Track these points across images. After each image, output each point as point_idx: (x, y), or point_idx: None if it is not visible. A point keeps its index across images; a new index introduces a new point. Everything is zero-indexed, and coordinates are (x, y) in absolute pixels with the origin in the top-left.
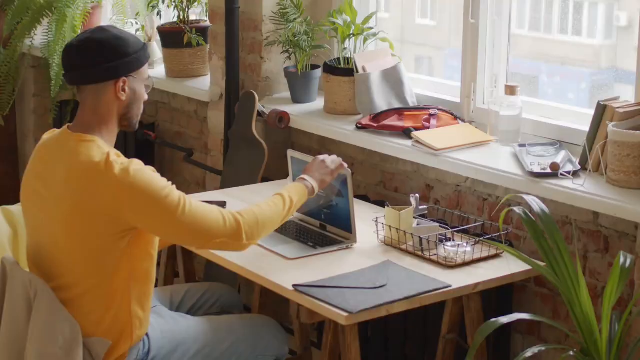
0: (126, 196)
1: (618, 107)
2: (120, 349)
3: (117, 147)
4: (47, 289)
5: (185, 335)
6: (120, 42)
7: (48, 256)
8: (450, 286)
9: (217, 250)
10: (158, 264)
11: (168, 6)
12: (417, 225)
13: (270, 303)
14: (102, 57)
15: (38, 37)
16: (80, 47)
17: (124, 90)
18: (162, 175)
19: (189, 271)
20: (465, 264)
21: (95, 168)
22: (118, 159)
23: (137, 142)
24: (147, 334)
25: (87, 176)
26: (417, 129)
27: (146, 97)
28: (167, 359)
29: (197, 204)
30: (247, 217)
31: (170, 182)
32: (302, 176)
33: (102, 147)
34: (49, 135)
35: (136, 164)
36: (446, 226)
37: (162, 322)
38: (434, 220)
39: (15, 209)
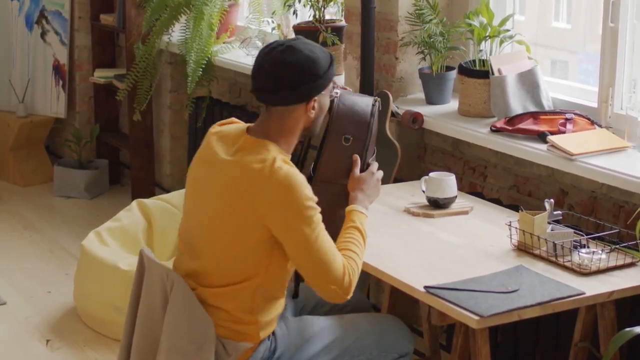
0: (275, 197)
1: None
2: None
3: None
4: (183, 282)
5: (310, 333)
6: (312, 63)
7: (196, 239)
8: (584, 293)
9: (320, 293)
10: None
11: (304, 5)
12: (551, 230)
13: (399, 303)
14: (295, 82)
15: (176, 34)
16: (272, 71)
17: (313, 108)
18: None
19: None
20: (599, 271)
21: (258, 171)
22: (283, 165)
23: None
24: (273, 333)
25: (250, 177)
26: (552, 133)
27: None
28: (293, 357)
29: (328, 238)
30: (353, 276)
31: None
32: (359, 209)
33: (271, 151)
34: (223, 127)
35: (293, 171)
36: (581, 232)
37: (289, 320)
38: (568, 226)
39: (150, 202)
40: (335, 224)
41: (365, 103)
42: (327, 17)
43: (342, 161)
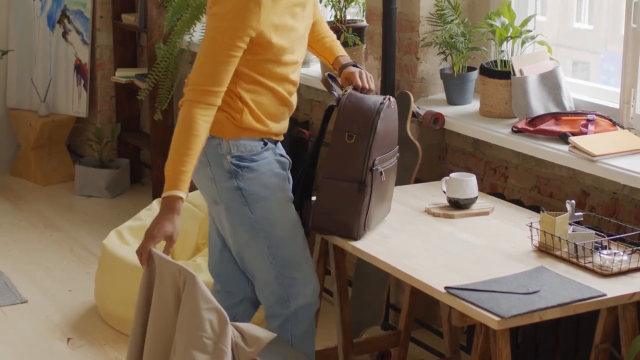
0: None
1: None
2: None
3: None
4: (195, 277)
5: (272, 195)
6: None
7: None
8: (605, 295)
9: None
10: None
11: (325, 5)
12: (573, 232)
13: (420, 304)
14: None
15: (197, 33)
16: None
17: None
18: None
19: (340, 269)
20: (621, 273)
21: None
22: None
23: (291, 140)
24: (270, 146)
25: None
26: (574, 134)
27: None
28: (248, 180)
29: (216, 52)
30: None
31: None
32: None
33: None
34: None
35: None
36: (602, 234)
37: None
38: (589, 228)
39: None
40: (336, 223)
41: (373, 102)
42: (349, 17)
43: (345, 158)
